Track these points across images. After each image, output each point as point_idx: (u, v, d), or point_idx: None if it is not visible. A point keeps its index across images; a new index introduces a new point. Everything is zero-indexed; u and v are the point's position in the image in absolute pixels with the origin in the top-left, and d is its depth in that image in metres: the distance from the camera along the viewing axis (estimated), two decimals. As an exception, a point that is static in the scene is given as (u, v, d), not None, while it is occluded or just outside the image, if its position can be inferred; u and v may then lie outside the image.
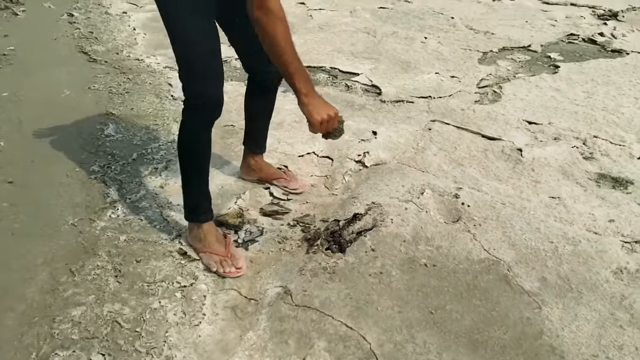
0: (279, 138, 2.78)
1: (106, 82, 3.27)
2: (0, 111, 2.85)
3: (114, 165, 2.45)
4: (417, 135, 2.85)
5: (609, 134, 2.88)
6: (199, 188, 1.96)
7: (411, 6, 5.17)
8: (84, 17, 4.41)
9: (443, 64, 3.83)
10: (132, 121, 2.85)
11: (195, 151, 1.90)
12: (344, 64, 3.78)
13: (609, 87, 3.45)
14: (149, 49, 3.87)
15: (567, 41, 4.32)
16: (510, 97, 3.32)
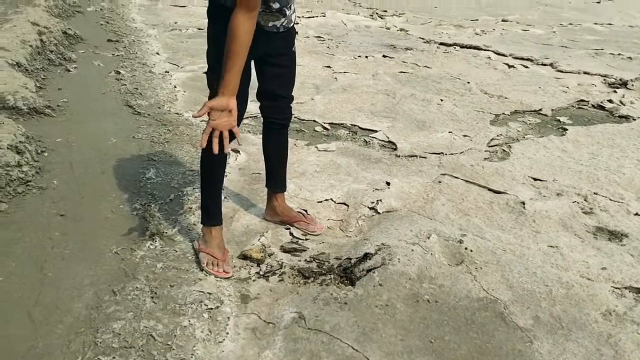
0: (301, 185, 3.06)
1: (148, 132, 3.63)
2: (54, 155, 3.20)
3: (153, 204, 2.74)
4: (428, 186, 3.10)
5: (609, 192, 3.09)
6: (210, 195, 2.36)
7: (430, 71, 5.52)
8: (129, 75, 4.84)
9: (456, 124, 4.11)
10: (170, 167, 3.17)
11: (210, 166, 2.30)
12: (363, 122, 4.09)
13: (613, 150, 3.68)
14: (188, 104, 4.24)
15: (577, 107, 4.58)
16: (519, 155, 3.56)
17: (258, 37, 2.06)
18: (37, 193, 2.75)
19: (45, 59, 4.86)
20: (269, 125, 2.50)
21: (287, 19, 2.23)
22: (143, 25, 7.11)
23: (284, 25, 2.22)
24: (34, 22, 5.38)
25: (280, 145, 2.60)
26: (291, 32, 2.32)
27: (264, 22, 2.16)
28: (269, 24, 2.17)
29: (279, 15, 2.17)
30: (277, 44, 2.26)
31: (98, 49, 5.68)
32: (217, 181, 2.36)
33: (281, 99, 2.40)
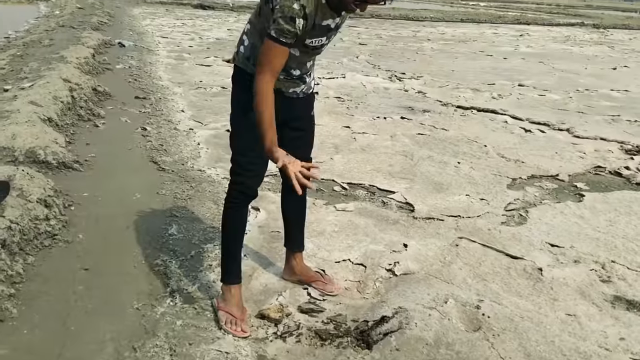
0: (319, 245, 3.10)
1: (172, 188, 3.73)
2: (81, 209, 3.30)
3: (174, 260, 2.80)
4: (445, 250, 3.13)
5: (627, 260, 3.08)
6: (231, 255, 2.42)
7: (447, 134, 5.62)
8: (155, 132, 5.00)
9: (474, 187, 4.15)
10: (192, 223, 3.25)
11: (231, 226, 2.39)
12: (381, 182, 4.16)
13: (630, 217, 3.68)
14: (211, 161, 4.36)
15: (594, 173, 4.61)
16: (536, 221, 3.58)
17: (279, 103, 2.18)
18: (63, 246, 2.83)
19: (75, 115, 5.06)
20: (289, 188, 2.57)
21: (307, 86, 2.36)
22: (169, 83, 7.37)
23: (304, 92, 2.36)
24: (65, 78, 5.63)
25: (299, 206, 2.67)
26: (310, 97, 2.45)
27: (285, 89, 2.28)
28: (290, 90, 2.30)
29: (299, 82, 2.30)
30: (298, 109, 2.38)
31: (126, 105, 5.89)
32: (237, 239, 2.43)
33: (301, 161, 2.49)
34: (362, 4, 2.02)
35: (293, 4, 1.96)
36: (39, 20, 13.86)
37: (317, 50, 2.24)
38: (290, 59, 2.15)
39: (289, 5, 1.96)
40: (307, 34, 2.08)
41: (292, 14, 1.96)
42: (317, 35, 2.14)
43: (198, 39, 12.24)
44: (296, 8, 1.96)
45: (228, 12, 21.72)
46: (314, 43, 2.15)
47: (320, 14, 2.07)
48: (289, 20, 1.97)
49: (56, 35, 9.85)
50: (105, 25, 13.09)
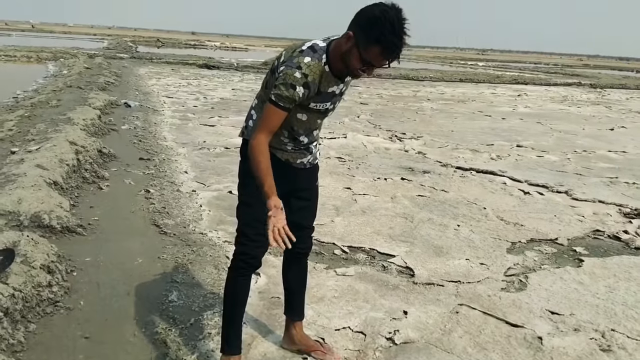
0: (319, 312, 3.11)
1: (173, 252, 3.76)
2: (83, 274, 3.33)
3: (174, 328, 2.81)
4: (445, 317, 3.13)
5: (627, 328, 3.08)
6: (232, 324, 2.42)
7: (447, 195, 5.68)
8: (158, 194, 5.08)
9: (473, 251, 4.18)
10: (192, 289, 3.27)
11: (234, 295, 2.41)
12: (382, 246, 4.19)
13: (630, 283, 3.69)
14: (212, 224, 4.41)
15: (593, 237, 4.65)
16: (536, 287, 3.59)
17: (287, 173, 2.28)
18: (64, 314, 2.85)
19: (80, 177, 5.15)
20: (290, 255, 2.62)
21: (313, 156, 2.46)
22: (173, 143, 7.51)
23: (310, 162, 2.45)
24: (72, 141, 5.76)
25: (300, 274, 2.70)
26: (316, 168, 2.53)
27: (293, 160, 2.37)
28: (297, 161, 2.39)
29: (306, 153, 2.39)
30: (304, 179, 2.46)
31: (130, 167, 6.00)
32: (239, 309, 2.44)
33: (304, 230, 2.54)
34: (369, 69, 2.10)
35: (295, 72, 2.07)
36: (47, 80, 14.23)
37: (323, 114, 2.33)
38: (298, 124, 2.26)
39: (290, 73, 2.07)
40: (312, 99, 2.18)
41: (292, 81, 2.07)
42: (322, 101, 2.24)
43: (203, 99, 12.53)
44: (297, 76, 2.07)
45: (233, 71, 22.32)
46: (318, 107, 2.25)
47: (325, 82, 2.17)
48: (289, 87, 2.07)
49: (64, 96, 10.10)
50: (112, 85, 13.43)
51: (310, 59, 2.10)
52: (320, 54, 2.13)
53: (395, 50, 2.02)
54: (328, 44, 2.16)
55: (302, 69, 2.07)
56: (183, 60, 24.90)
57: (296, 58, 2.10)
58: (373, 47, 2.01)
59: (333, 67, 2.15)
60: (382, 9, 1.98)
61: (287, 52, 2.21)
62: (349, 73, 2.18)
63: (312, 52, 2.12)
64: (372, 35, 1.99)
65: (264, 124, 2.15)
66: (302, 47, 2.15)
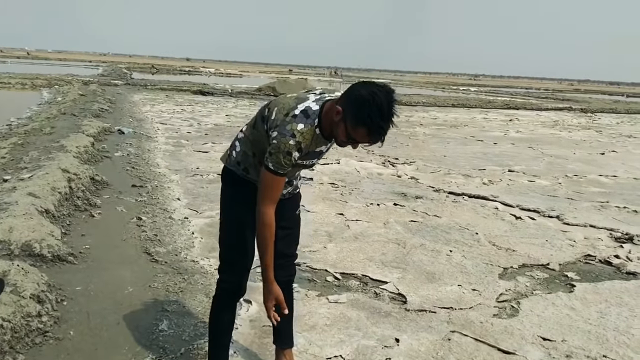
0: (310, 340, 3.09)
1: (164, 281, 3.75)
2: (73, 304, 3.31)
3: (164, 358, 2.79)
4: (437, 344, 3.12)
5: (619, 354, 3.08)
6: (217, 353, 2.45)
7: (439, 221, 5.70)
8: (150, 221, 5.07)
9: (466, 277, 4.18)
10: (183, 318, 3.25)
11: (218, 323, 2.44)
12: (374, 272, 4.18)
13: (621, 309, 3.70)
14: (204, 251, 4.40)
15: (584, 262, 4.66)
16: (527, 312, 3.59)
17: None
18: (53, 344, 2.82)
19: (72, 205, 5.14)
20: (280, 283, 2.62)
21: (293, 187, 2.50)
22: (166, 170, 7.52)
23: (290, 192, 2.48)
24: (64, 169, 5.75)
25: (291, 301, 2.69)
26: (297, 196, 2.56)
27: None
28: None
29: (287, 185, 2.42)
30: (285, 209, 2.47)
31: (122, 194, 5.99)
32: (224, 338, 2.47)
33: (286, 258, 2.56)
34: (354, 144, 2.16)
35: (289, 141, 2.10)
36: (41, 107, 14.26)
37: (308, 167, 2.39)
38: None
39: (285, 141, 2.10)
40: (301, 158, 2.23)
41: (288, 149, 2.11)
42: (310, 158, 2.30)
43: (196, 125, 12.58)
44: (292, 144, 2.11)
45: (227, 97, 22.44)
46: (305, 163, 2.31)
47: (315, 143, 2.22)
48: (285, 155, 2.11)
49: (57, 123, 10.13)
50: (106, 112, 13.48)
51: (303, 125, 2.12)
52: (313, 119, 2.15)
53: (381, 133, 2.07)
54: (321, 106, 2.18)
55: (296, 137, 2.11)
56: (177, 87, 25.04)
57: (289, 125, 2.12)
58: (360, 127, 2.06)
59: (323, 130, 2.19)
60: (372, 91, 2.02)
61: (279, 109, 2.21)
62: (335, 141, 2.23)
63: (304, 118, 2.14)
64: (360, 117, 2.03)
65: (268, 194, 2.18)
66: (295, 112, 2.15)
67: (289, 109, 2.16)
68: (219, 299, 2.42)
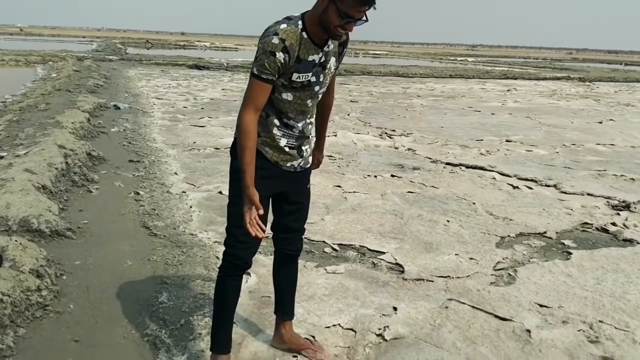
0: (309, 310, 3.12)
1: (163, 254, 3.76)
2: (72, 278, 3.33)
3: (164, 329, 2.81)
4: (435, 312, 3.15)
5: (615, 320, 3.11)
6: (222, 324, 2.43)
7: (437, 191, 5.71)
8: (148, 196, 5.07)
9: (463, 246, 4.20)
10: (182, 290, 3.27)
11: (223, 296, 2.41)
12: (372, 243, 4.20)
13: (617, 275, 3.73)
14: (202, 224, 4.41)
15: (581, 229, 4.68)
16: (524, 280, 3.62)
17: (277, 176, 2.28)
18: (54, 317, 2.85)
19: (69, 181, 5.13)
20: (280, 256, 2.63)
21: (304, 160, 2.44)
22: (163, 145, 7.49)
23: (301, 166, 2.42)
24: (60, 144, 5.74)
25: (290, 275, 2.71)
26: (307, 171, 2.52)
27: (283, 162, 2.36)
28: (287, 164, 2.37)
29: (297, 156, 2.37)
30: (294, 183, 2.45)
31: (119, 169, 5.98)
32: (229, 310, 2.45)
33: (294, 232, 2.56)
34: (348, 25, 2.08)
35: (272, 39, 2.07)
36: (35, 83, 14.15)
37: (308, 92, 2.27)
38: (287, 106, 2.25)
39: (268, 40, 2.07)
40: (292, 68, 2.16)
41: (271, 48, 2.06)
42: (303, 71, 2.19)
43: (192, 100, 12.50)
44: (275, 42, 2.06)
45: (222, 71, 22.26)
46: (300, 78, 2.20)
47: (304, 49, 2.15)
48: (269, 55, 2.07)
49: (52, 99, 10.05)
50: (101, 87, 13.37)
51: (287, 25, 2.10)
52: (296, 21, 2.12)
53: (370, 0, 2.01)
54: (302, 13, 2.16)
55: (279, 34, 2.07)
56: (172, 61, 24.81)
57: (272, 27, 2.10)
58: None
59: (311, 33, 2.14)
60: None
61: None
62: (330, 35, 2.14)
63: (287, 20, 2.12)
64: None
65: (249, 100, 2.16)
66: (279, 20, 2.15)
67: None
68: (224, 272, 2.40)
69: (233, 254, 2.36)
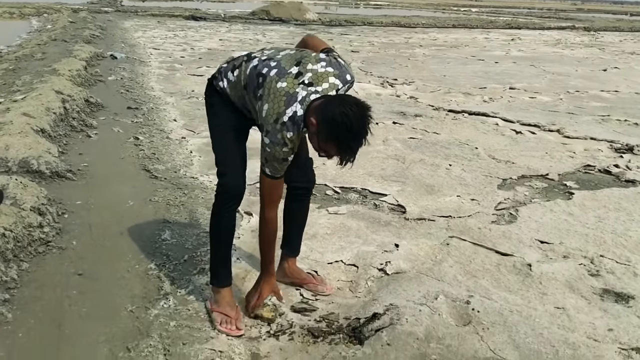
0: (312, 247, 3.13)
1: (165, 195, 3.76)
2: (74, 217, 3.33)
3: (168, 264, 2.83)
4: (436, 249, 3.17)
5: (616, 254, 3.13)
6: (220, 258, 2.46)
7: (439, 137, 5.67)
8: (147, 141, 5.03)
9: (465, 188, 4.20)
10: (185, 229, 3.28)
11: (219, 229, 2.44)
12: (373, 186, 4.20)
13: (619, 213, 3.73)
14: (203, 168, 4.39)
15: (584, 171, 4.67)
16: (526, 219, 3.62)
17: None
18: (56, 253, 2.86)
19: (68, 125, 5.09)
20: (293, 191, 2.63)
21: None
22: (161, 93, 7.40)
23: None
24: (58, 90, 5.66)
25: (302, 211, 2.73)
26: None
27: None
28: None
29: None
30: None
31: (118, 115, 5.93)
32: (226, 243, 2.47)
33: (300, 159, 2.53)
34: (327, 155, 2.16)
35: (283, 149, 2.14)
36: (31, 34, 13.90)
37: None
38: None
39: (279, 150, 2.14)
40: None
41: (283, 156, 2.17)
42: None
43: (190, 50, 12.29)
44: (286, 151, 2.15)
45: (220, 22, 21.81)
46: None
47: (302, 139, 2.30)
48: (281, 162, 2.19)
49: (48, 49, 9.88)
50: (97, 38, 13.14)
51: (292, 133, 2.12)
52: (299, 125, 2.14)
53: (350, 153, 2.09)
54: (305, 110, 2.12)
55: (288, 145, 2.14)
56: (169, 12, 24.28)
57: (279, 133, 2.12)
58: (330, 143, 2.07)
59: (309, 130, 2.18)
60: (343, 112, 2.00)
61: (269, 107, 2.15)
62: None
63: (292, 126, 2.12)
64: (331, 135, 2.04)
65: (271, 198, 2.30)
66: (284, 118, 2.11)
67: (278, 113, 2.12)
68: (219, 205, 2.41)
69: (223, 183, 2.37)
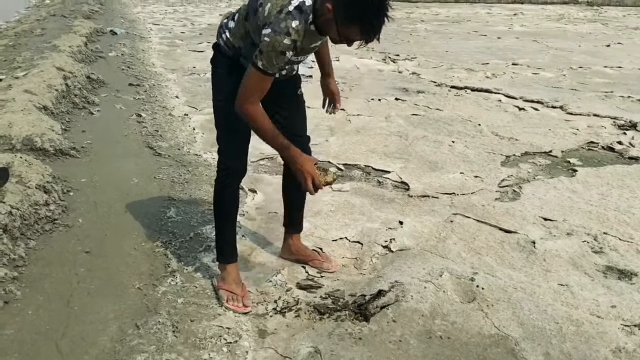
0: (316, 224, 3.15)
1: (169, 173, 3.76)
2: (79, 194, 3.34)
3: (174, 241, 2.85)
4: (440, 226, 3.18)
5: (619, 232, 3.14)
6: (224, 235, 2.46)
7: (442, 114, 5.65)
8: (150, 118, 5.02)
9: (468, 165, 4.19)
10: (190, 206, 3.29)
11: (222, 206, 2.43)
12: (376, 163, 4.19)
13: (623, 191, 3.73)
14: (206, 146, 4.39)
15: (587, 148, 4.66)
16: (529, 196, 3.63)
17: None
18: (63, 231, 2.88)
19: (70, 103, 5.07)
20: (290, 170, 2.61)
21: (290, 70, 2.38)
22: (163, 69, 7.36)
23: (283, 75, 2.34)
24: (59, 67, 5.63)
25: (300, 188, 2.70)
26: (295, 77, 2.46)
27: None
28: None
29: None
30: (283, 91, 2.37)
31: (120, 92, 5.90)
32: (230, 219, 2.47)
33: (297, 139, 2.52)
34: (348, 42, 2.01)
35: (284, 39, 1.94)
36: (29, 10, 13.79)
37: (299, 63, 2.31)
38: None
39: (280, 40, 1.94)
40: (295, 55, 2.11)
41: (282, 48, 1.96)
42: (304, 54, 2.20)
43: (190, 25, 12.19)
44: (287, 43, 1.95)
45: (220, -3, 21.56)
46: (299, 59, 2.24)
47: (308, 39, 2.07)
48: (279, 54, 1.97)
49: (48, 25, 9.81)
50: (96, 13, 13.03)
51: (299, 22, 1.95)
52: (308, 14, 1.98)
53: (374, 31, 1.92)
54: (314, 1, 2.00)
55: (292, 35, 1.95)
56: (168, -13, 24.00)
57: (283, 22, 1.94)
58: (352, 25, 1.92)
59: (318, 25, 2.03)
60: None
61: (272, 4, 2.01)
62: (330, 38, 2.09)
63: (299, 14, 1.96)
64: (350, 15, 1.89)
65: (254, 93, 2.05)
66: (289, 7, 1.96)
67: (282, 5, 1.98)
68: (221, 181, 2.40)
69: (224, 161, 2.37)
